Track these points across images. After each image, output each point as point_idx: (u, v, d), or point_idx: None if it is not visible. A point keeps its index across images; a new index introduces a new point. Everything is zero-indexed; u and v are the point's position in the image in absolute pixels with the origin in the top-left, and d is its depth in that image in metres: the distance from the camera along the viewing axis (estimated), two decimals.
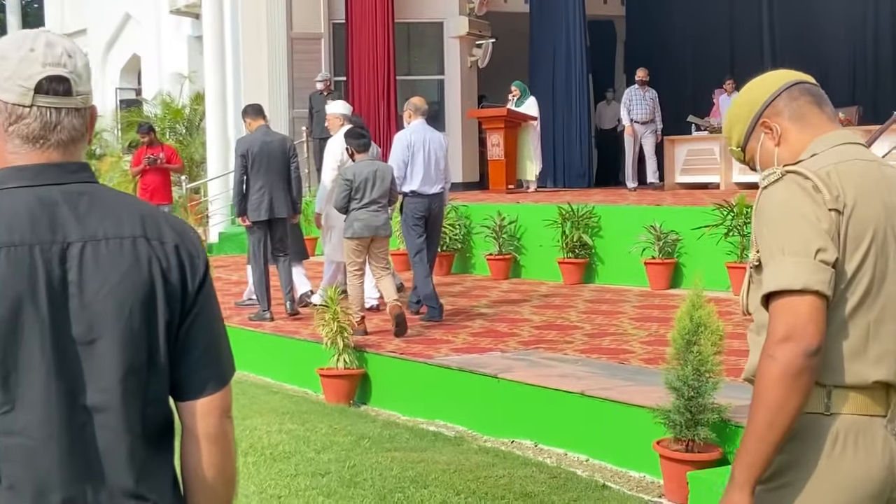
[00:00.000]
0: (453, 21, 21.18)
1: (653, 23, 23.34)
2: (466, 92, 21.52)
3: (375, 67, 20.30)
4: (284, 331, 10.47)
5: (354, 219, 10.01)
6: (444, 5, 21.17)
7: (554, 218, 12.91)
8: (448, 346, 9.14)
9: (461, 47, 21.31)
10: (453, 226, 14.19)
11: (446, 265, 14.28)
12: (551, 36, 21.71)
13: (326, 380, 9.04)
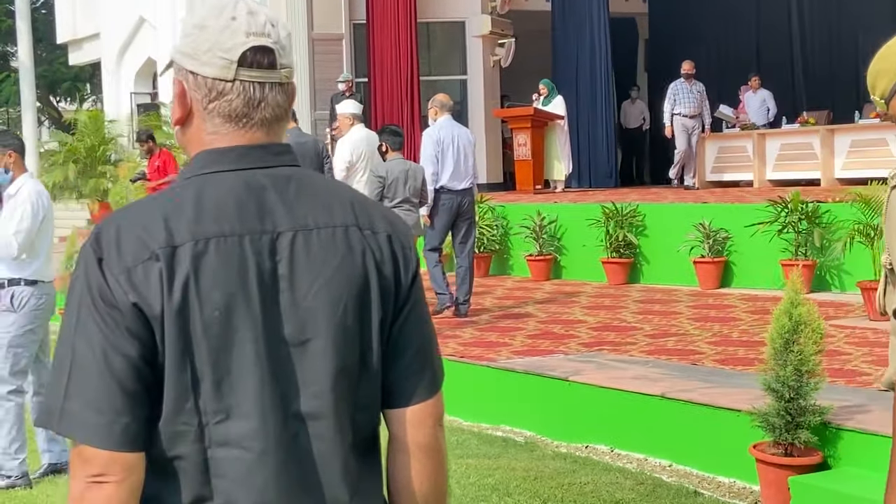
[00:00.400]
0: (476, 20, 20.95)
1: (677, 19, 23.06)
2: (489, 92, 21.28)
3: (398, 68, 20.06)
4: None
5: None
6: (465, 4, 20.95)
7: (597, 217, 12.66)
8: (507, 348, 8.87)
9: (484, 46, 21.08)
10: (490, 227, 13.95)
11: (484, 267, 14.02)
12: (575, 34, 21.49)
13: None
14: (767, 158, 17.02)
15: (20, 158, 6.88)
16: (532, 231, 13.33)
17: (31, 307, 6.69)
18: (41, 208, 6.72)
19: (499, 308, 11.09)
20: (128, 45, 26.64)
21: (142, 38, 26.15)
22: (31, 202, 6.65)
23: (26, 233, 6.56)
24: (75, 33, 29.47)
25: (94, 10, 28.00)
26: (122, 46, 26.72)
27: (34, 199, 6.67)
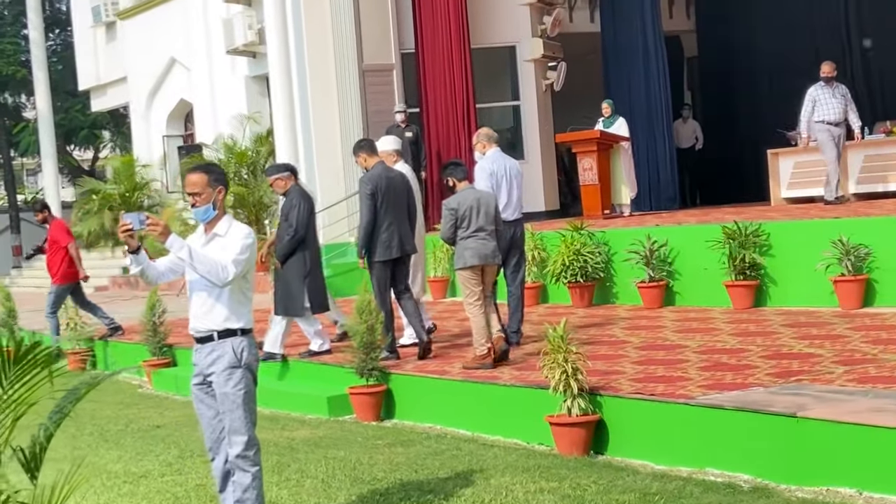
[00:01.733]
0: (527, 44, 20.36)
1: (727, 34, 22.46)
2: (543, 116, 20.64)
3: (453, 95, 19.36)
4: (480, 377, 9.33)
5: (464, 248, 9.79)
6: (515, 28, 20.36)
7: (716, 238, 11.89)
8: (688, 382, 8.05)
9: (536, 71, 20.42)
10: (592, 253, 13.17)
11: (587, 297, 13.27)
12: (627, 55, 20.92)
13: (559, 429, 7.94)
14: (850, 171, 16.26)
15: (225, 195, 6.16)
16: (642, 256, 12.56)
17: (251, 359, 6.07)
18: (254, 252, 6.07)
19: (639, 339, 10.30)
20: (158, 88, 25.95)
21: (173, 80, 25.46)
22: (248, 243, 5.93)
23: (241, 266, 5.88)
24: (98, 79, 28.80)
25: (118, 55, 27.34)
26: (153, 89, 26.04)
27: (249, 242, 5.95)
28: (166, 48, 25.02)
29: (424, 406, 9.59)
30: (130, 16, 26.28)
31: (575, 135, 18.42)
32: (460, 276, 10.01)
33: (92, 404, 11.49)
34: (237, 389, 5.96)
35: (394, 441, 8.78)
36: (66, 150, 37.94)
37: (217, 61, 23.01)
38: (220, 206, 6.03)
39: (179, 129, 26.11)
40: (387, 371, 9.97)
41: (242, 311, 6.03)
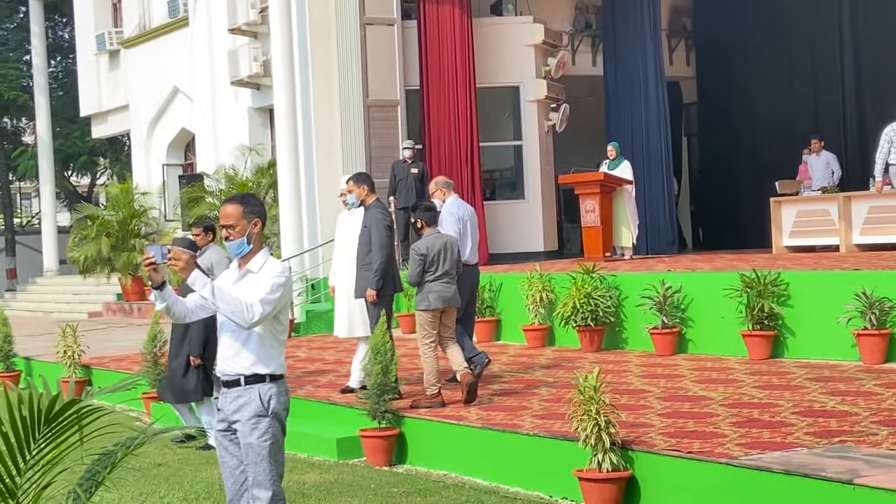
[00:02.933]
0: (531, 84, 19.93)
1: (724, 81, 22.12)
2: (544, 157, 20.18)
3: (457, 133, 18.89)
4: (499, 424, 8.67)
5: (429, 291, 9.74)
6: (520, 69, 19.94)
7: (734, 286, 11.34)
8: (724, 440, 7.46)
9: (539, 111, 19.95)
10: (603, 297, 12.59)
11: (597, 341, 12.66)
12: (629, 98, 20.56)
13: (589, 484, 7.33)
14: (853, 220, 15.81)
15: (261, 229, 5.55)
16: (655, 302, 11.99)
17: (279, 408, 5.44)
18: (287, 292, 5.47)
19: (659, 389, 9.71)
20: (160, 116, 25.41)
21: (175, 109, 24.92)
22: (279, 282, 5.34)
23: (271, 306, 5.28)
24: (100, 106, 28.23)
25: (121, 83, 26.82)
26: (154, 117, 25.51)
27: (282, 281, 5.36)
28: (169, 77, 24.53)
29: (439, 452, 8.97)
30: (134, 45, 25.77)
31: (578, 176, 17.93)
32: (421, 318, 9.83)
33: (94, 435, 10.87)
34: (262, 440, 5.35)
35: (410, 489, 8.15)
36: (63, 176, 37.23)
37: (220, 92, 22.46)
38: (255, 240, 5.45)
39: (180, 159, 25.56)
40: (399, 414, 9.35)
41: (273, 355, 5.42)
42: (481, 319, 14.47)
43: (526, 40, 19.88)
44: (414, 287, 9.92)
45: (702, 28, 22.92)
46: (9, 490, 2.91)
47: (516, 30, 19.97)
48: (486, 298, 14.53)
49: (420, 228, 10.13)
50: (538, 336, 13.48)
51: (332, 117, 18.32)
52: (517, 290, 14.02)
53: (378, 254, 10.15)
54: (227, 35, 21.32)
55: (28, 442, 3.03)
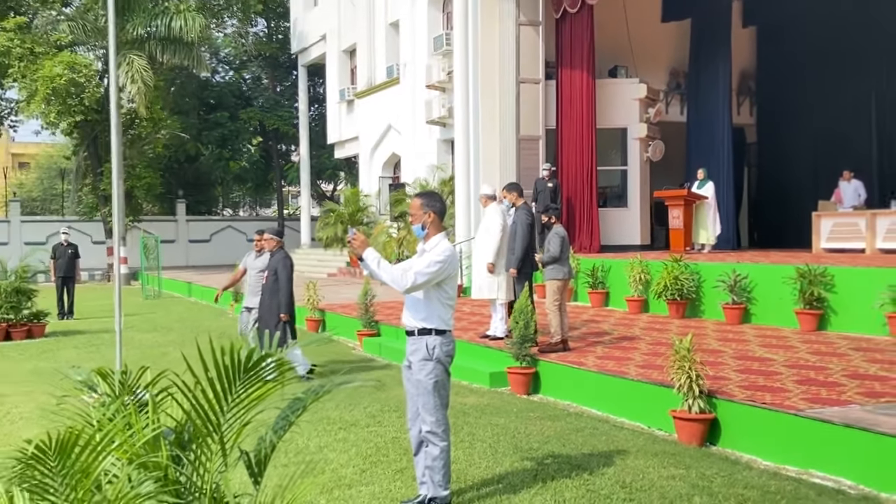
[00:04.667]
0: (635, 127, 18.65)
1: (779, 127, 20.40)
2: (643, 178, 18.87)
3: (581, 159, 17.83)
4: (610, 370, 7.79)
5: (565, 265, 8.98)
6: (628, 115, 18.69)
7: (790, 276, 10.10)
8: (789, 394, 6.41)
9: (640, 146, 18.70)
10: (687, 279, 11.49)
11: (681, 311, 11.58)
12: (707, 139, 19.06)
13: (681, 422, 6.40)
14: (877, 231, 14.19)
15: (438, 220, 4.86)
16: (727, 284, 10.84)
17: (441, 354, 4.75)
18: (448, 267, 4.72)
19: (732, 350, 8.64)
20: (378, 145, 25.09)
21: (388, 139, 24.55)
22: (437, 260, 4.64)
23: (426, 278, 4.61)
24: (340, 137, 28.14)
25: (354, 120, 26.66)
26: (374, 145, 25.18)
27: (442, 259, 4.65)
28: (385, 118, 24.18)
29: (564, 387, 8.14)
30: (364, 96, 25.52)
31: (669, 192, 16.66)
32: (554, 285, 8.91)
33: (319, 358, 10.44)
34: (428, 378, 4.73)
35: (543, 415, 7.36)
36: (316, 183, 37.64)
37: (419, 128, 21.98)
38: (429, 226, 4.77)
39: (390, 173, 25.21)
40: (536, 357, 8.55)
41: (438, 314, 4.74)
42: (595, 291, 13.54)
43: (633, 95, 18.68)
44: (551, 262, 9.01)
45: (763, 88, 21.17)
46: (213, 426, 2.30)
47: (626, 87, 18.76)
48: (599, 276, 13.56)
49: (553, 223, 9.30)
50: (637, 305, 12.46)
51: (493, 147, 17.52)
52: (622, 271, 13.02)
53: (521, 242, 9.36)
54: (425, 89, 20.82)
55: (231, 387, 2.39)
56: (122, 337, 12.53)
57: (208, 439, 2.30)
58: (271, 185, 38.93)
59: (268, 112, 34.29)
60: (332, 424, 6.96)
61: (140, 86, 25.62)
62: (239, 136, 35.24)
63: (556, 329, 8.80)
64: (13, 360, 11.38)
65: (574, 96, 17.93)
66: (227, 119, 34.07)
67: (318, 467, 5.71)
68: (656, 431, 6.80)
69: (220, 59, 37.69)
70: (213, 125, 33.90)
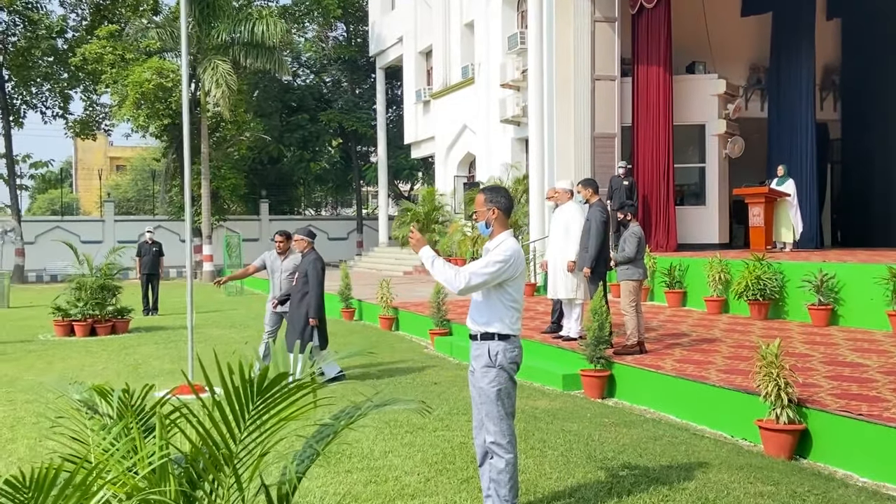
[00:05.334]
0: (713, 123, 17.82)
1: (863, 123, 19.17)
2: (722, 176, 18.01)
3: (657, 157, 17.12)
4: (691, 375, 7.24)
5: (640, 266, 8.42)
6: (705, 112, 17.87)
7: (882, 275, 9.32)
8: (887, 404, 5.78)
9: (718, 143, 17.85)
10: (770, 279, 10.78)
11: (763, 312, 10.87)
12: (788, 135, 18.04)
13: (768, 433, 5.85)
14: None
15: (503, 216, 4.46)
16: (814, 284, 10.09)
17: (505, 361, 4.30)
18: (509, 268, 4.27)
19: (821, 354, 7.97)
20: (453, 144, 24.78)
21: (464, 139, 24.22)
22: (496, 260, 4.23)
23: (481, 279, 4.19)
24: (416, 137, 27.95)
25: (430, 121, 26.43)
26: (450, 145, 24.88)
27: (502, 259, 4.23)
28: (460, 118, 23.86)
29: (641, 391, 7.63)
30: (439, 96, 25.26)
31: (749, 190, 15.82)
32: (630, 286, 8.33)
33: (392, 356, 10.17)
34: (491, 386, 4.28)
35: (618, 421, 6.88)
36: (394, 183, 37.65)
37: (493, 127, 21.58)
38: (493, 224, 4.35)
39: (465, 172, 24.87)
40: (611, 360, 8.06)
41: (501, 318, 4.28)
42: (672, 290, 12.89)
43: (711, 91, 17.85)
44: (626, 262, 8.47)
45: (848, 83, 19.95)
46: (225, 458, 1.94)
47: (705, 83, 17.94)
48: (676, 275, 12.91)
49: (629, 220, 8.70)
50: (716, 305, 11.79)
51: (568, 145, 16.98)
52: (700, 270, 12.35)
53: (595, 240, 8.86)
54: (500, 88, 20.40)
55: (244, 411, 2.03)
56: (200, 333, 12.53)
57: (222, 472, 1.94)
58: (351, 186, 39.13)
59: (347, 114, 34.42)
60: (398, 427, 6.65)
61: (224, 89, 26.00)
62: (319, 138, 35.49)
63: (633, 331, 8.29)
64: (91, 354, 11.49)
65: (651, 93, 17.24)
66: (308, 121, 34.35)
67: (381, 475, 5.39)
68: (740, 441, 6.25)
69: (301, 63, 38.07)
70: (295, 127, 34.23)
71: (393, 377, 9.05)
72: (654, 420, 6.93)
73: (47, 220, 34.53)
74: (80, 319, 13.54)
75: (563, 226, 9.39)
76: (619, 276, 8.51)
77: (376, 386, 8.53)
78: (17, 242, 29.41)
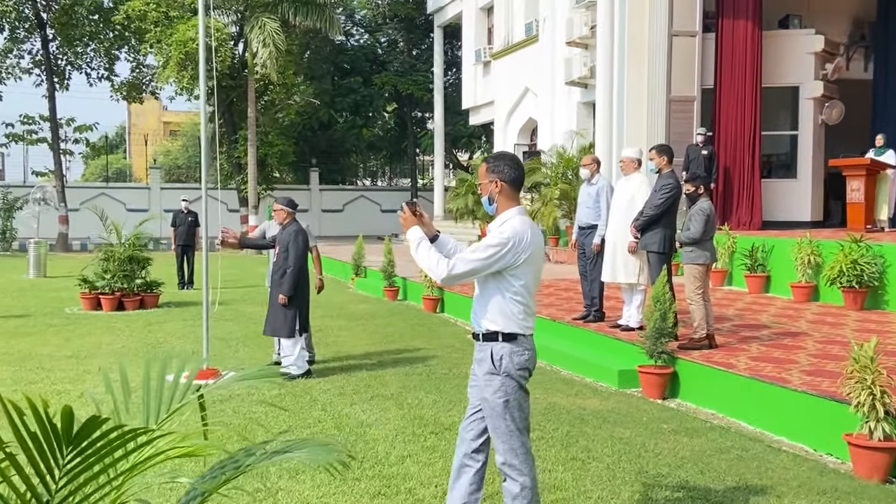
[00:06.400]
0: (809, 85, 16.71)
1: None
2: (816, 145, 16.92)
3: (742, 123, 16.17)
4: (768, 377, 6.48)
5: (707, 248, 7.63)
6: (801, 72, 16.76)
7: None
8: None
9: (814, 107, 16.73)
10: (869, 263, 9.88)
11: (860, 301, 10.00)
12: (893, 100, 16.81)
13: (860, 450, 5.14)
14: None
15: (509, 189, 3.70)
16: None
17: (511, 367, 3.67)
18: (508, 252, 3.58)
19: None
20: (514, 109, 24.04)
21: (525, 104, 23.46)
22: (492, 243, 3.58)
23: (469, 267, 3.56)
24: (475, 101, 27.31)
25: (489, 84, 25.75)
26: (510, 110, 24.15)
27: (495, 242, 3.58)
28: (522, 80, 23.09)
29: (708, 393, 6.95)
30: (500, 56, 24.51)
31: (848, 161, 14.73)
32: (695, 270, 7.56)
33: (433, 341, 9.67)
34: (496, 397, 3.66)
35: (678, 427, 6.23)
36: (452, 152, 37.09)
37: (558, 90, 20.78)
38: (497, 199, 3.71)
39: (526, 140, 24.12)
40: (674, 355, 7.39)
41: (508, 315, 3.63)
42: (753, 274, 12.04)
43: (807, 48, 16.70)
44: (690, 243, 7.74)
45: None
46: None
47: (800, 40, 16.79)
48: (759, 257, 12.06)
49: (700, 194, 7.87)
50: (804, 292, 10.93)
51: (640, 109, 16.13)
52: (787, 251, 11.48)
53: (654, 209, 8.10)
54: (565, 46, 19.57)
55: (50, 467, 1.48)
56: (232, 310, 12.24)
57: None
58: (406, 154, 38.73)
59: (402, 77, 33.92)
60: (423, 427, 6.15)
61: (272, 49, 25.78)
62: (373, 103, 35.11)
63: (700, 322, 7.58)
64: (113, 331, 11.32)
65: (736, 51, 16.24)
66: (361, 84, 33.99)
67: (394, 485, 4.91)
68: (824, 458, 5.55)
69: (354, 22, 37.66)
70: (347, 91, 33.91)
71: (427, 366, 8.55)
72: (721, 428, 6.26)
73: (92, 186, 35.15)
74: (108, 293, 13.45)
75: (626, 200, 8.68)
76: (683, 260, 7.79)
77: (408, 375, 8.05)
78: (61, 209, 29.91)
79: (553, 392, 7.39)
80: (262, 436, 5.87)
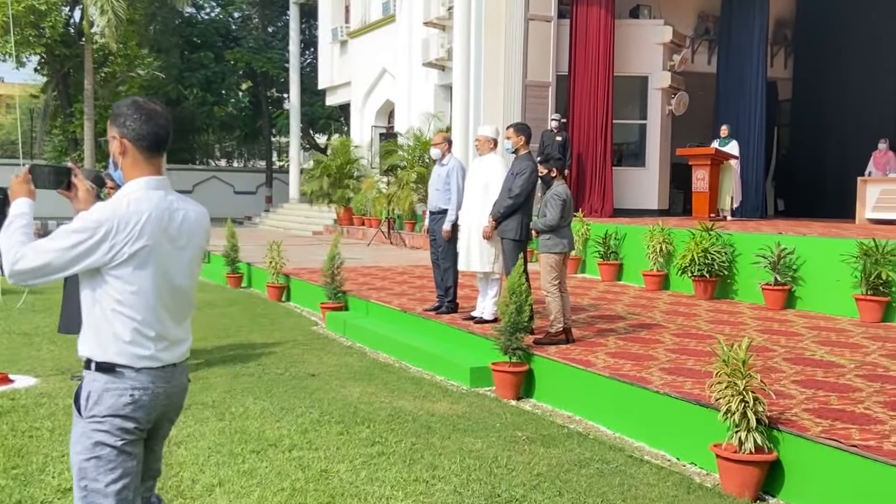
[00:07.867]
0: (657, 76, 16.66)
1: (816, 84, 18.30)
2: (663, 135, 16.95)
3: (595, 111, 15.91)
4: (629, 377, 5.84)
5: (564, 236, 7.04)
6: (650, 62, 16.69)
7: (851, 252, 8.23)
8: (882, 427, 4.57)
9: (662, 98, 16.69)
10: (719, 252, 9.62)
11: (710, 290, 9.73)
12: (736, 93, 17.04)
13: (728, 463, 4.56)
14: None
15: (136, 151, 2.58)
16: (769, 261, 8.96)
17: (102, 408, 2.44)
18: (100, 242, 2.39)
19: (783, 348, 6.77)
20: (371, 90, 23.07)
21: (382, 85, 22.51)
22: (81, 227, 2.39)
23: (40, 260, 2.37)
24: (332, 82, 26.09)
25: (346, 64, 24.62)
26: (367, 91, 23.17)
27: (84, 226, 2.40)
28: (380, 60, 22.14)
29: (566, 393, 6.30)
30: (357, 35, 23.44)
31: (694, 150, 14.71)
32: (551, 260, 6.94)
33: (271, 336, 8.61)
34: (74, 452, 2.47)
35: (534, 435, 5.51)
36: (309, 134, 35.60)
37: (415, 72, 19.97)
38: (121, 165, 2.61)
39: (383, 122, 23.21)
40: (530, 351, 6.71)
41: (103, 334, 2.46)
42: (606, 262, 11.67)
43: (656, 39, 16.63)
44: (548, 231, 7.10)
45: (800, 38, 19.02)
46: None
47: (649, 30, 16.69)
48: (611, 245, 11.70)
49: (553, 177, 7.20)
50: (656, 281, 10.63)
51: (496, 93, 15.54)
52: (639, 239, 11.15)
53: (515, 194, 7.41)
54: (423, 27, 18.78)
55: None
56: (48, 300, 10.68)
57: None
58: (261, 135, 36.87)
59: (257, 54, 32.08)
60: (244, 444, 5.14)
61: (111, 17, 23.54)
62: (225, 79, 33.07)
63: (557, 315, 6.93)
64: None
65: (590, 38, 15.93)
66: (213, 60, 31.90)
67: None
68: (689, 468, 4.97)
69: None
70: (197, 66, 31.73)
71: (261, 365, 7.51)
72: (579, 434, 5.60)
73: None
74: None
75: (481, 182, 7.92)
76: (539, 249, 7.11)
77: (237, 377, 6.99)
78: None
79: (400, 394, 6.55)
80: (36, 462, 4.71)
